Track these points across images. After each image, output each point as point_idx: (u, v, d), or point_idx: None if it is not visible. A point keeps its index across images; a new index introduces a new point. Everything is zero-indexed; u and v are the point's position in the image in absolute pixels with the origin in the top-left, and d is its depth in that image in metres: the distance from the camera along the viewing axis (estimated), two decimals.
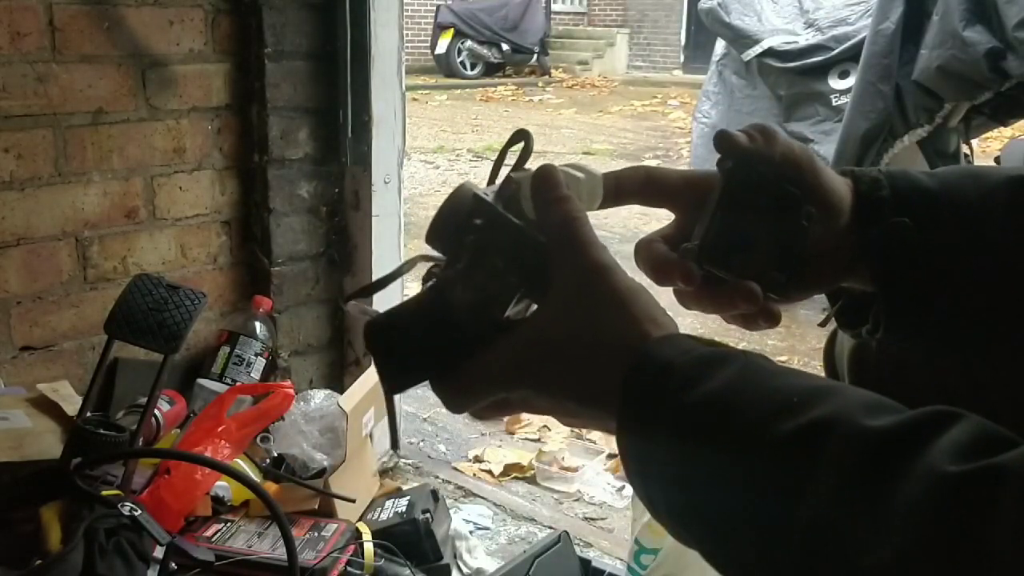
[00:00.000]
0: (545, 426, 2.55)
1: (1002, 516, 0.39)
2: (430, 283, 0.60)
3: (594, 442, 2.41)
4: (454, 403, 0.59)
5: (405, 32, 2.13)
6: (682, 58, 14.66)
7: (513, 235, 0.59)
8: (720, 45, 4.36)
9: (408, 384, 0.61)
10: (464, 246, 0.59)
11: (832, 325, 0.79)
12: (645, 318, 0.55)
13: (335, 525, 1.60)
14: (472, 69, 13.36)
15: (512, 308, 0.58)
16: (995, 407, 0.70)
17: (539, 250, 0.58)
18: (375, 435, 2.03)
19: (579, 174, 0.63)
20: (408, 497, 1.76)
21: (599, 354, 0.54)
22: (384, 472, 2.13)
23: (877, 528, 0.42)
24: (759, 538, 0.47)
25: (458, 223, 0.60)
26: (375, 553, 1.57)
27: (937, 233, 0.65)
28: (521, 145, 0.65)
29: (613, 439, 0.54)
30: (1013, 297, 0.65)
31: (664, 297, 0.60)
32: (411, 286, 2.06)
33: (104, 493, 1.43)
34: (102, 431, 1.50)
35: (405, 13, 2.16)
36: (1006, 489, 0.40)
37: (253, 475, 1.65)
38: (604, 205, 0.66)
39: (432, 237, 0.61)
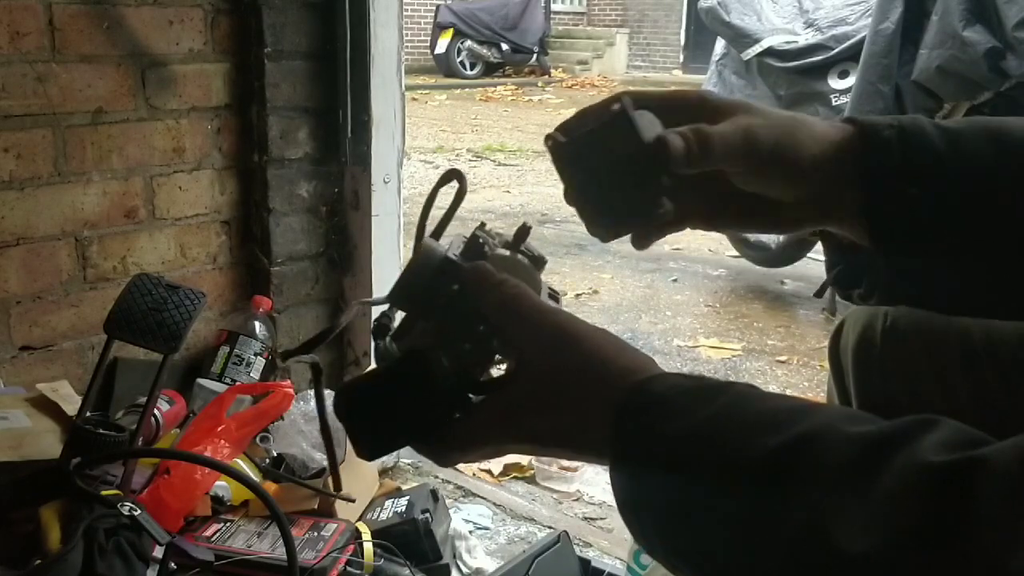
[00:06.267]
0: None
1: (983, 504, 0.40)
2: (407, 352, 0.60)
3: None
4: (443, 462, 0.61)
5: (405, 32, 2.13)
6: (682, 58, 14.67)
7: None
8: (720, 45, 4.35)
9: (383, 453, 0.62)
10: (438, 310, 0.60)
11: (835, 322, 0.79)
12: (621, 360, 0.57)
13: (335, 525, 1.60)
14: (472, 69, 13.36)
15: (491, 366, 0.60)
16: (996, 404, 0.70)
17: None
18: None
19: (505, 252, 0.63)
20: (408, 497, 1.76)
21: (586, 402, 0.56)
22: (384, 472, 2.12)
23: (864, 518, 0.43)
24: (752, 554, 0.48)
25: (426, 284, 0.60)
26: (375, 553, 1.57)
27: (944, 202, 0.64)
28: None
29: None
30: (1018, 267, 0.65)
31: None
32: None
33: (104, 493, 1.43)
34: (102, 431, 1.50)
35: (405, 13, 2.16)
36: (987, 477, 0.41)
37: (253, 475, 1.65)
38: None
39: (400, 297, 0.62)
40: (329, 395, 1.57)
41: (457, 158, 7.49)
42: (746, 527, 0.48)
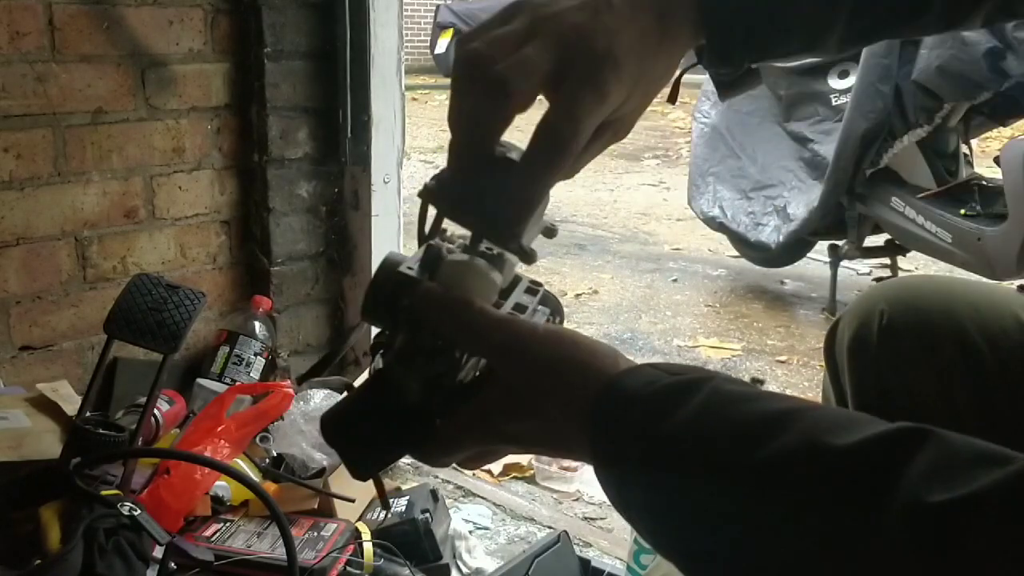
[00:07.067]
0: None
1: (979, 556, 0.40)
2: (375, 372, 0.60)
3: None
4: (433, 463, 0.62)
5: (405, 32, 2.13)
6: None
7: None
8: None
9: (376, 470, 0.64)
10: (398, 325, 0.59)
11: (833, 320, 0.79)
12: (580, 358, 0.56)
13: (335, 525, 1.60)
14: None
15: (462, 372, 0.59)
16: (995, 401, 0.70)
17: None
18: None
19: (460, 258, 0.62)
20: (408, 497, 1.75)
21: (557, 408, 0.55)
22: (383, 472, 2.12)
23: (856, 563, 0.42)
24: (739, 571, 0.48)
25: (386, 299, 0.60)
26: (374, 553, 1.57)
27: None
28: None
29: None
30: None
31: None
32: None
33: (104, 493, 1.43)
34: (101, 431, 1.50)
35: (405, 13, 2.16)
36: (981, 524, 0.40)
37: (253, 475, 1.65)
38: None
39: (367, 314, 0.62)
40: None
41: None
42: (731, 544, 0.47)
